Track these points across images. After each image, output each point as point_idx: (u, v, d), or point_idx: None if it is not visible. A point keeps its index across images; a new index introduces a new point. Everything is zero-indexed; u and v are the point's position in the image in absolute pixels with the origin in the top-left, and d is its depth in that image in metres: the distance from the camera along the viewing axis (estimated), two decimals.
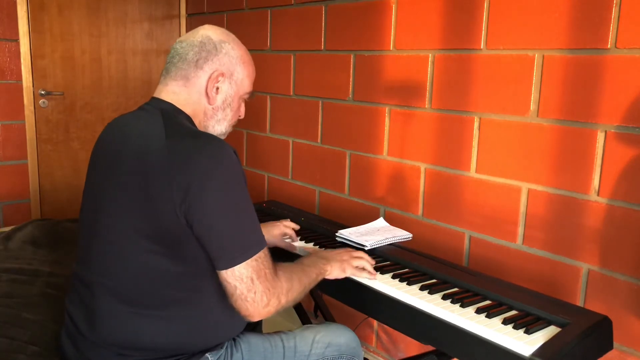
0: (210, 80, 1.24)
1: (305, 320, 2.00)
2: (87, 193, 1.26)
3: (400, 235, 1.71)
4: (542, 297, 1.33)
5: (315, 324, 1.43)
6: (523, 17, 1.63)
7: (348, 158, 2.27)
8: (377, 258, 1.56)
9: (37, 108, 2.82)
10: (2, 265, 1.68)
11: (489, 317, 1.21)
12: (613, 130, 1.48)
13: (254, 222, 1.15)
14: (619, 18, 1.44)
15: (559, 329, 1.17)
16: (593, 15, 1.49)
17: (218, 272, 1.12)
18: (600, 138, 1.50)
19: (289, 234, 1.68)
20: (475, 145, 1.80)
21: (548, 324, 1.20)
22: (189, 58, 1.23)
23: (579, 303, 1.58)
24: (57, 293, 1.55)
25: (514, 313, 1.25)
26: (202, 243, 1.11)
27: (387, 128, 2.09)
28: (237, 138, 2.93)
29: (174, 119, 1.18)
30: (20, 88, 2.74)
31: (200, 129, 1.27)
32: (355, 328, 2.14)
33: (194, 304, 1.16)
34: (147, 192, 1.09)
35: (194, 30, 1.28)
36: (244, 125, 2.87)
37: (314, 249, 1.61)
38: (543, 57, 1.60)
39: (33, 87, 2.79)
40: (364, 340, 2.31)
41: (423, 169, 1.97)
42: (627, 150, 1.46)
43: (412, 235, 1.74)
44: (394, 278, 1.41)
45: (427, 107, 1.93)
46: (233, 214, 1.11)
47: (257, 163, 2.82)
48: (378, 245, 1.62)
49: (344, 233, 1.68)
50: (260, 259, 1.13)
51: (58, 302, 1.48)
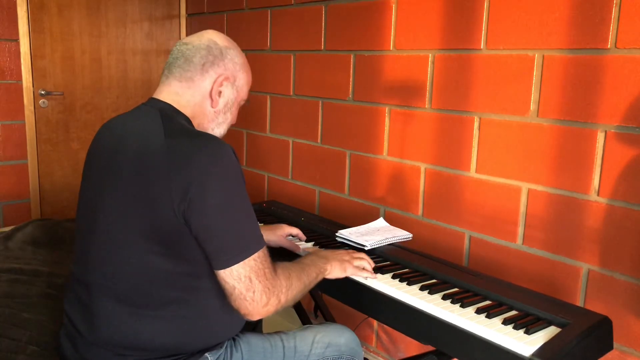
0: (215, 84, 1.26)
1: (305, 320, 2.00)
2: (83, 194, 1.26)
3: (400, 235, 1.71)
4: (542, 297, 1.33)
5: (315, 324, 1.43)
6: (523, 17, 1.63)
7: (348, 158, 2.27)
8: (377, 258, 1.56)
9: (37, 108, 2.82)
10: (2, 265, 1.68)
11: (489, 317, 1.21)
12: (613, 130, 1.48)
13: (253, 221, 1.15)
14: (619, 18, 1.44)
15: (559, 329, 1.17)
16: (593, 15, 1.49)
17: (216, 271, 1.12)
18: (600, 138, 1.50)
19: (295, 233, 1.68)
20: (475, 145, 1.80)
21: (548, 324, 1.20)
22: (196, 61, 1.24)
23: (579, 303, 1.58)
24: (57, 293, 1.55)
25: (514, 313, 1.25)
26: (200, 242, 1.11)
27: (387, 128, 2.09)
28: (237, 138, 2.93)
29: (173, 119, 1.19)
30: (20, 88, 2.74)
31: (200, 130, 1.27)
32: (355, 328, 2.14)
33: (193, 304, 1.16)
34: (145, 191, 1.09)
35: (199, 34, 1.29)
36: (244, 125, 2.87)
37: (314, 249, 1.61)
38: (543, 57, 1.60)
39: (33, 87, 2.79)
40: (364, 340, 2.31)
41: (423, 169, 1.97)
42: (627, 150, 1.46)
43: (412, 235, 1.74)
44: (394, 278, 1.41)
45: (427, 107, 1.93)
46: (231, 214, 1.11)
47: (257, 163, 2.82)
48: (378, 245, 1.62)
49: (344, 233, 1.68)
50: (259, 259, 1.13)
51: (58, 302, 1.48)
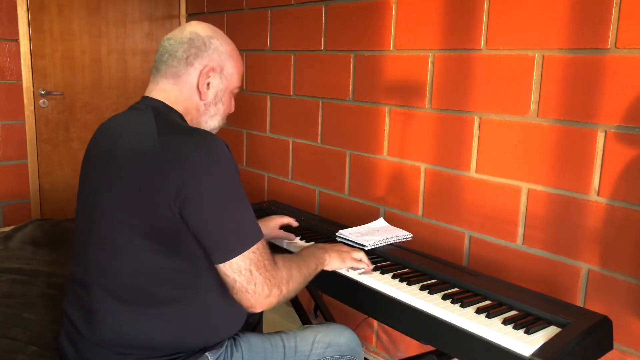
0: (201, 76, 1.24)
1: (305, 320, 2.00)
2: (81, 194, 1.26)
3: (400, 235, 1.71)
4: (542, 297, 1.33)
5: (316, 324, 1.43)
6: (523, 17, 1.63)
7: (348, 158, 2.27)
8: (377, 258, 1.56)
9: (37, 108, 2.82)
10: (2, 265, 1.68)
11: (489, 317, 1.21)
12: (613, 130, 1.48)
13: (250, 214, 1.15)
14: (619, 18, 1.44)
15: (559, 329, 1.17)
16: (593, 15, 1.49)
17: (217, 266, 1.12)
18: (600, 138, 1.50)
19: (286, 222, 1.70)
20: (475, 145, 1.80)
21: (548, 324, 1.20)
22: (179, 55, 1.23)
23: (579, 303, 1.58)
24: (57, 293, 1.55)
25: (514, 313, 1.25)
26: (198, 238, 1.11)
27: (387, 128, 2.09)
28: (237, 138, 2.93)
29: (166, 117, 1.19)
30: (20, 88, 2.74)
31: (193, 126, 1.27)
32: (355, 328, 2.14)
33: (192, 301, 1.16)
34: (141, 189, 1.09)
35: (181, 27, 1.28)
36: (244, 125, 2.87)
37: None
38: (543, 57, 1.60)
39: (33, 87, 2.79)
40: (364, 340, 2.31)
41: (423, 169, 1.97)
42: (627, 150, 1.46)
43: (412, 235, 1.74)
44: (394, 278, 1.41)
45: (427, 107, 1.93)
46: (228, 208, 1.12)
47: (257, 163, 2.82)
48: (378, 245, 1.62)
49: (344, 233, 1.68)
50: (259, 250, 1.13)
51: (58, 302, 1.48)
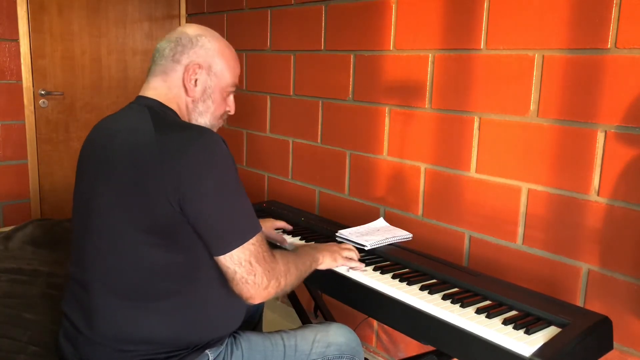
0: (187, 72, 1.25)
1: (306, 320, 2.00)
2: (77, 194, 1.27)
3: (400, 235, 1.71)
4: (542, 297, 1.33)
5: (316, 324, 1.43)
6: (523, 17, 1.63)
7: (348, 158, 2.27)
8: (377, 258, 1.56)
9: (37, 108, 2.82)
10: (2, 265, 1.68)
11: (489, 317, 1.21)
12: (613, 130, 1.48)
13: (248, 206, 1.17)
14: (619, 18, 1.44)
15: (559, 329, 1.17)
16: (593, 15, 1.49)
17: (217, 258, 1.13)
18: (600, 138, 1.50)
19: (281, 226, 1.74)
20: (475, 145, 1.80)
21: (548, 324, 1.20)
22: (166, 53, 1.26)
23: (579, 303, 1.58)
24: (57, 293, 1.55)
25: (514, 313, 1.25)
26: (198, 232, 1.12)
27: (387, 128, 2.09)
28: (237, 138, 2.93)
29: (161, 113, 1.20)
30: (20, 88, 2.74)
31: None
32: (355, 328, 2.14)
33: (192, 295, 1.17)
34: (139, 185, 1.10)
35: (175, 29, 1.31)
36: (244, 125, 2.87)
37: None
38: (543, 57, 1.60)
39: (33, 87, 2.79)
40: (364, 340, 2.31)
41: (423, 169, 1.97)
42: (627, 150, 1.46)
43: (412, 235, 1.74)
44: (394, 278, 1.41)
45: (427, 107, 1.93)
46: (227, 201, 1.13)
47: (257, 163, 2.82)
48: (378, 245, 1.62)
49: (344, 233, 1.68)
50: (258, 242, 1.15)
51: (58, 302, 1.48)
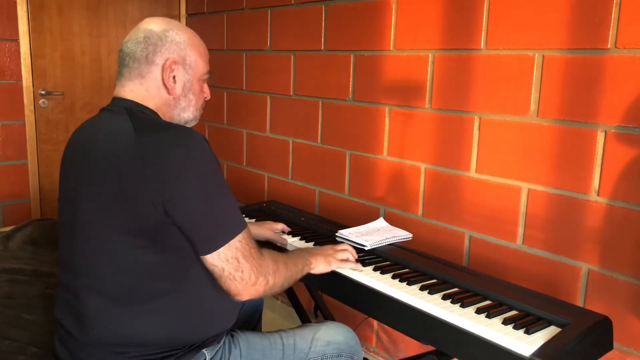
0: (165, 71, 1.23)
1: (305, 320, 2.00)
2: (62, 200, 1.26)
3: (400, 235, 1.71)
4: (542, 297, 1.33)
5: (315, 323, 1.43)
6: (523, 17, 1.63)
7: (348, 158, 2.27)
8: (377, 258, 1.56)
9: (37, 108, 2.82)
10: (2, 265, 1.68)
11: (489, 317, 1.21)
12: (613, 130, 1.48)
13: (233, 204, 1.16)
14: (619, 18, 1.44)
15: (559, 329, 1.17)
16: (593, 15, 1.49)
17: (203, 257, 1.13)
18: (600, 138, 1.50)
19: (280, 228, 1.73)
20: (475, 145, 1.80)
21: (548, 324, 1.20)
22: (138, 55, 1.22)
23: (579, 303, 1.58)
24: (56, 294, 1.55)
25: (514, 313, 1.25)
26: (184, 232, 1.11)
27: (387, 128, 2.09)
28: (237, 138, 2.93)
29: (140, 114, 1.19)
30: (20, 88, 2.74)
31: (166, 121, 1.27)
32: (355, 328, 2.14)
33: (183, 295, 1.16)
34: (121, 188, 1.09)
35: (136, 28, 1.27)
36: (244, 125, 2.87)
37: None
38: (543, 57, 1.60)
39: (33, 87, 2.79)
40: (364, 340, 2.31)
41: (423, 169, 1.97)
42: (627, 150, 1.46)
43: (412, 235, 1.74)
44: (394, 278, 1.41)
45: (427, 107, 1.93)
46: (211, 199, 1.12)
47: (257, 163, 2.82)
48: (378, 245, 1.62)
49: (344, 233, 1.68)
50: (244, 239, 1.15)
51: None
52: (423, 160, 1.97)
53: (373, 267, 1.48)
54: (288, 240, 1.68)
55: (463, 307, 1.25)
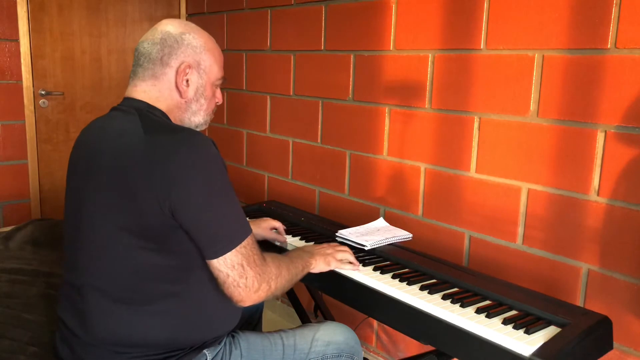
0: (179, 74, 1.23)
1: (305, 320, 2.00)
2: (68, 198, 1.26)
3: (400, 235, 1.71)
4: (542, 297, 1.33)
5: (315, 323, 1.43)
6: (523, 17, 1.63)
7: (348, 158, 2.27)
8: (377, 258, 1.56)
9: (37, 108, 2.82)
10: (2, 265, 1.68)
11: (489, 317, 1.21)
12: (613, 130, 1.48)
13: (239, 210, 1.17)
14: (619, 18, 1.44)
15: (559, 329, 1.17)
16: (593, 15, 1.49)
17: (209, 261, 1.13)
18: (600, 138, 1.50)
19: (277, 227, 1.73)
20: (475, 145, 1.80)
21: (548, 324, 1.20)
22: (153, 57, 1.22)
23: (579, 303, 1.58)
24: (57, 293, 1.55)
25: (514, 313, 1.25)
26: (190, 235, 1.12)
27: (387, 128, 2.09)
28: (237, 138, 2.93)
29: (150, 116, 1.18)
30: (20, 88, 2.74)
31: (176, 124, 1.26)
32: (355, 328, 2.14)
33: (185, 297, 1.16)
34: (128, 189, 1.09)
35: (153, 28, 1.26)
36: (244, 125, 2.87)
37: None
38: (543, 57, 1.60)
39: (33, 87, 2.79)
40: (364, 340, 2.31)
41: (423, 169, 1.97)
42: (627, 150, 1.46)
43: (412, 235, 1.74)
44: (394, 278, 1.41)
45: (427, 107, 1.93)
46: (218, 204, 1.13)
47: (257, 163, 2.82)
48: (378, 245, 1.62)
49: (344, 233, 1.68)
50: (249, 245, 1.15)
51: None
52: (423, 160, 1.97)
53: (373, 267, 1.48)
54: (288, 240, 1.68)
55: (463, 307, 1.25)
